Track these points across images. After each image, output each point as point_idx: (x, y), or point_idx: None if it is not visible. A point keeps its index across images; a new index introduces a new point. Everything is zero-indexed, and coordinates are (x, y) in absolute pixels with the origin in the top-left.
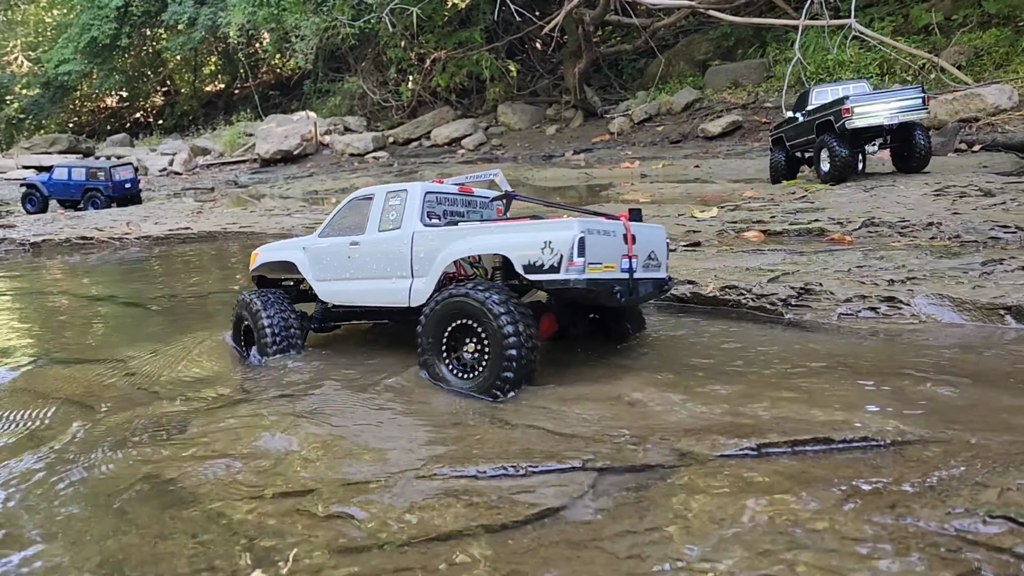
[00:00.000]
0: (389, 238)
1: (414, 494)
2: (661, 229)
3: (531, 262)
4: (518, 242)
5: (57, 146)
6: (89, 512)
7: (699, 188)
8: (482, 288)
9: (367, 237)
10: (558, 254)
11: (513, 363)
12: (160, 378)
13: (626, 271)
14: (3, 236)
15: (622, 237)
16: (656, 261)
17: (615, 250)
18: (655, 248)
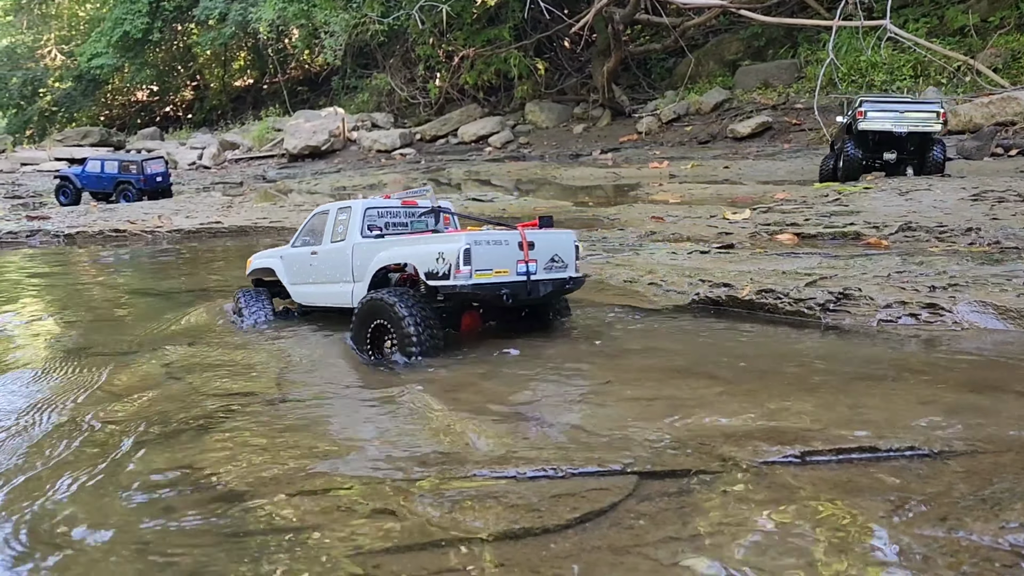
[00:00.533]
0: (337, 248)
1: (454, 494)
2: (569, 234)
3: (430, 270)
4: (421, 253)
5: (89, 139)
6: (130, 505)
7: (729, 189)
8: (392, 293)
9: (322, 247)
10: (448, 263)
11: (414, 349)
12: (198, 370)
13: (523, 274)
14: (38, 227)
15: (517, 245)
16: (561, 263)
17: (509, 257)
18: (559, 252)
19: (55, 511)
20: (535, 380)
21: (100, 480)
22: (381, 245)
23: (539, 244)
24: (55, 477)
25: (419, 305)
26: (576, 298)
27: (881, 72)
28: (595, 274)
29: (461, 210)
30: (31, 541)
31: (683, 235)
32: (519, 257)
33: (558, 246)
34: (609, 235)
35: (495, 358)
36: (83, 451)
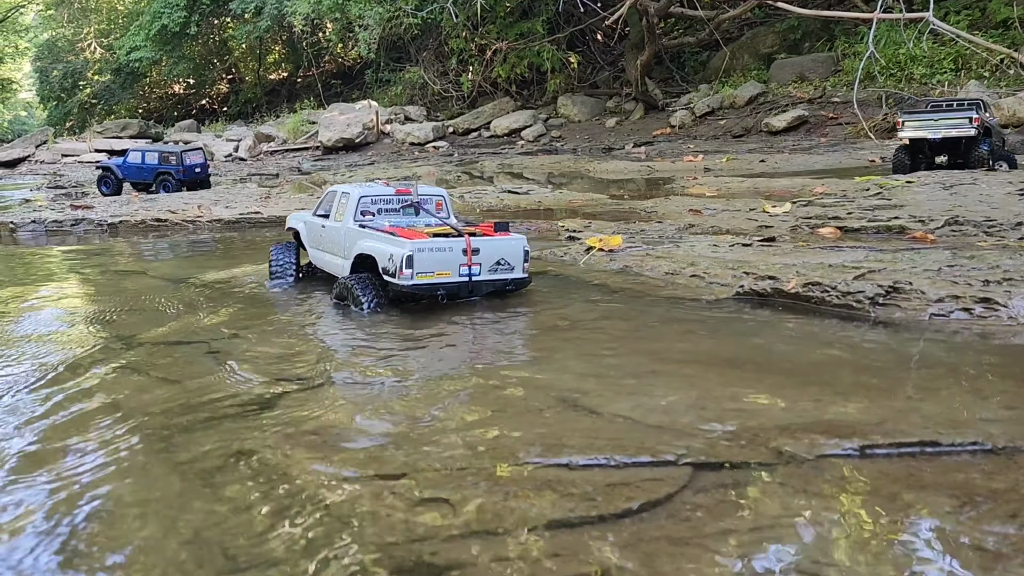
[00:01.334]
0: (336, 227)
1: (508, 482)
2: (519, 240)
3: (384, 267)
4: (380, 251)
5: (128, 131)
6: (182, 488)
7: (766, 183)
8: (353, 278)
9: (329, 222)
10: (395, 264)
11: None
12: (245, 358)
13: (465, 276)
14: (82, 217)
15: (461, 251)
16: (508, 266)
17: (452, 261)
18: (506, 256)
19: (107, 498)
20: (579, 369)
21: (152, 465)
22: (363, 234)
23: (484, 250)
24: (107, 463)
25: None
26: (617, 288)
27: (921, 65)
28: (635, 266)
29: (497, 202)
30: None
31: (722, 228)
32: (463, 261)
33: (505, 251)
34: (648, 228)
35: (537, 346)
36: (134, 437)
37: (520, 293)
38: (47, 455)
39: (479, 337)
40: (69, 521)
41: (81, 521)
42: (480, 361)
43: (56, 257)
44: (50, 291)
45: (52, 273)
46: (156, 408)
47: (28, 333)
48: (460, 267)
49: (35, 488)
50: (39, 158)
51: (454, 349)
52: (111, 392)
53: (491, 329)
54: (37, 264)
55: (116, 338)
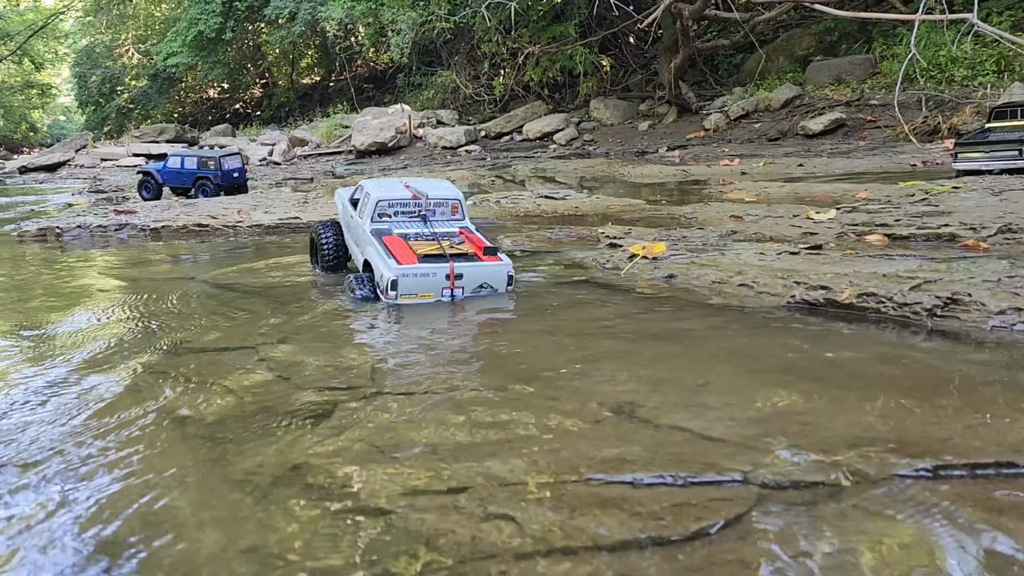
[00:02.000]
0: (358, 223)
1: (572, 499)
2: (503, 267)
3: (376, 281)
4: (376, 266)
5: (165, 135)
6: (238, 500)
7: (807, 188)
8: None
9: (356, 216)
10: (383, 284)
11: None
12: (296, 366)
13: (447, 298)
14: (126, 222)
15: (444, 276)
16: (491, 288)
17: (436, 285)
18: (489, 280)
19: (162, 511)
20: (631, 380)
21: (207, 477)
22: (371, 241)
23: (468, 275)
24: (161, 474)
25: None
26: (663, 297)
27: (962, 67)
28: (681, 274)
29: (533, 207)
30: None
31: (765, 235)
32: (445, 285)
33: (489, 276)
34: (689, 234)
35: (584, 355)
36: (188, 448)
37: (565, 302)
38: (98, 465)
39: (527, 347)
40: (124, 533)
41: (136, 533)
42: (530, 371)
43: (101, 262)
44: (97, 296)
45: (98, 278)
46: (209, 417)
47: (77, 339)
48: (443, 290)
49: (88, 499)
50: (79, 162)
51: (502, 359)
52: (162, 400)
53: (538, 339)
54: (83, 268)
55: (165, 344)
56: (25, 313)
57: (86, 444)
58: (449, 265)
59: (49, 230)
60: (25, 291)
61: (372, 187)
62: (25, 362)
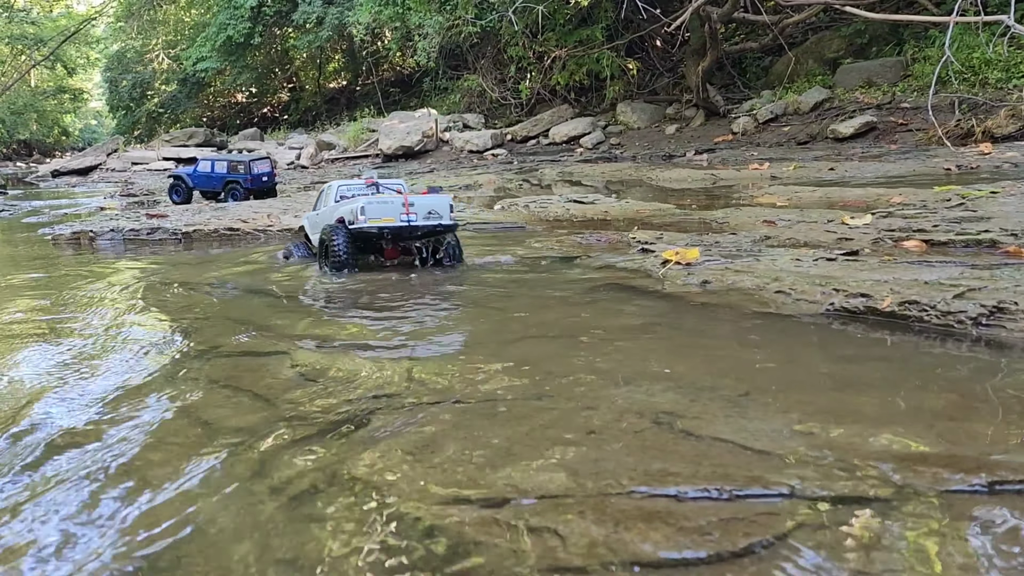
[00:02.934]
0: (325, 210)
1: (616, 512)
2: (445, 197)
3: (348, 219)
4: (346, 210)
5: (194, 139)
6: (274, 509)
7: (839, 192)
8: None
9: (320, 209)
10: (355, 214)
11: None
12: (330, 372)
13: (405, 221)
14: (157, 226)
15: (400, 204)
16: (437, 215)
17: (395, 211)
18: (435, 208)
19: (198, 519)
20: (669, 389)
21: (244, 485)
22: (338, 207)
23: (418, 203)
24: (197, 482)
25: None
26: (698, 304)
27: (996, 69)
28: (716, 281)
29: (562, 212)
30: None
31: (799, 240)
32: (402, 211)
33: (434, 204)
34: (722, 240)
35: (619, 364)
36: (223, 455)
37: (597, 308)
38: (128, 472)
39: (561, 354)
40: (156, 541)
41: (172, 543)
42: (565, 379)
43: (134, 265)
44: (128, 300)
45: (131, 281)
46: (244, 424)
47: (111, 343)
48: (400, 215)
49: (119, 507)
50: (110, 166)
51: (536, 366)
52: (198, 406)
53: (571, 346)
54: (116, 272)
55: (200, 348)
56: (57, 316)
57: (117, 451)
58: (404, 196)
59: (83, 234)
60: (58, 294)
61: (330, 183)
62: (56, 366)
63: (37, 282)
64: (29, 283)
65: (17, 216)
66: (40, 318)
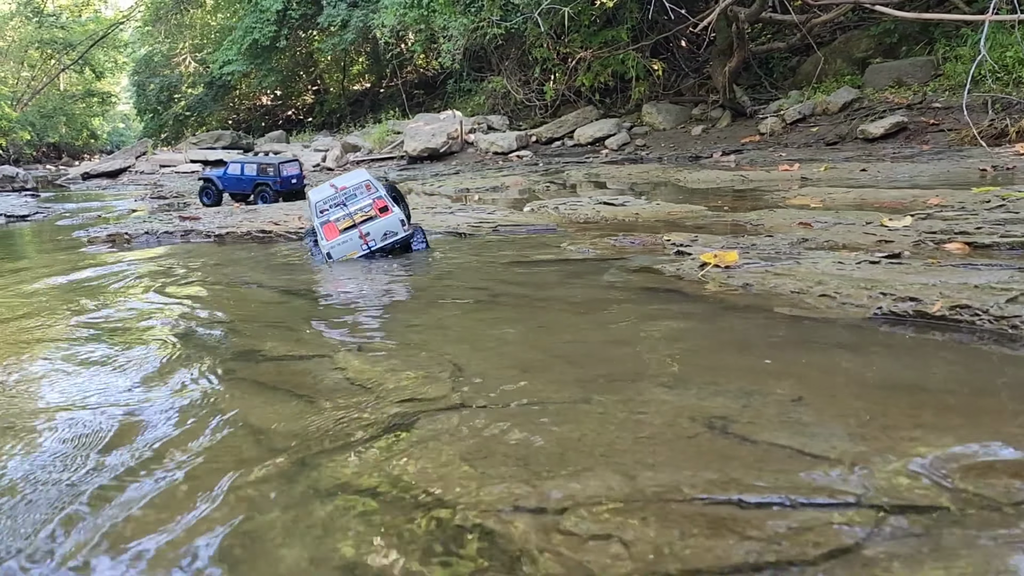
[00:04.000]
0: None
1: (679, 519)
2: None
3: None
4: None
5: (221, 142)
6: (325, 514)
7: (874, 194)
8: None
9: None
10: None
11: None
12: (374, 375)
13: (367, 250)
14: (191, 228)
15: (358, 237)
16: (393, 233)
17: (355, 244)
18: (389, 228)
19: (247, 525)
20: (719, 393)
21: (293, 490)
22: (319, 228)
23: (373, 231)
24: (244, 487)
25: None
26: (740, 307)
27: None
28: (756, 284)
29: (592, 214)
30: (228, 560)
31: (838, 243)
32: (361, 243)
33: (388, 226)
34: (758, 242)
35: (664, 367)
36: (270, 459)
37: (637, 311)
38: (175, 478)
39: (604, 357)
40: (205, 547)
41: (219, 547)
42: (612, 383)
43: (170, 267)
44: (169, 304)
45: (170, 284)
46: (290, 428)
47: (154, 348)
48: (361, 247)
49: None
50: (139, 168)
51: (581, 369)
52: (242, 409)
53: (614, 349)
54: (153, 274)
55: (241, 351)
56: (96, 319)
57: (161, 456)
58: (358, 230)
59: (117, 236)
60: (96, 297)
61: (311, 194)
62: (97, 371)
63: (74, 283)
64: (67, 285)
65: (51, 219)
66: (79, 319)
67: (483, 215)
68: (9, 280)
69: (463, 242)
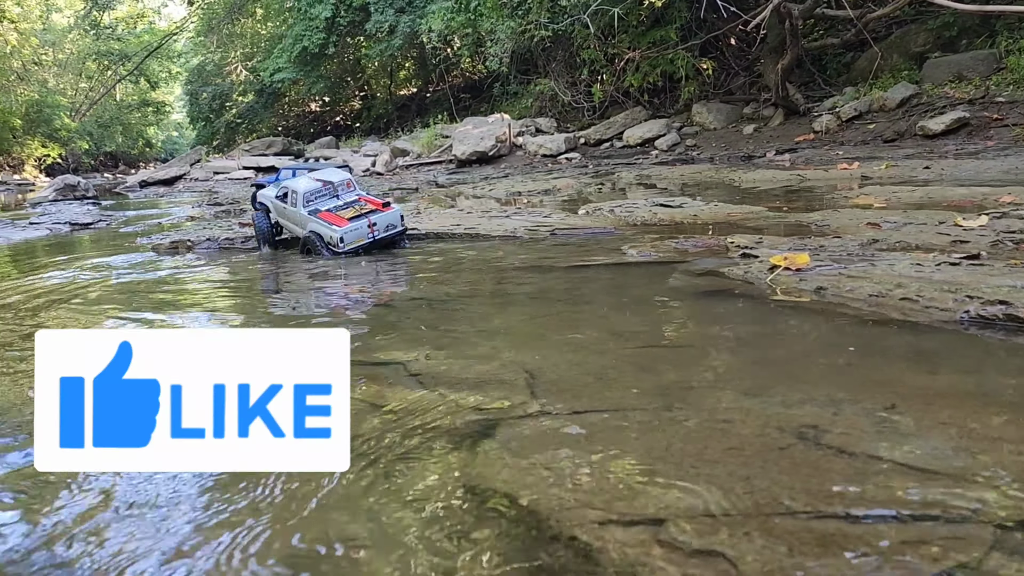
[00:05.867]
0: (295, 210)
1: (784, 534)
2: (396, 211)
3: (328, 242)
4: (325, 232)
5: (273, 148)
6: (411, 524)
7: (940, 192)
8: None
9: (289, 206)
10: (336, 240)
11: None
12: (449, 380)
13: (372, 238)
14: (250, 234)
15: (367, 226)
16: (393, 225)
17: (364, 233)
18: (391, 221)
19: (330, 533)
20: (806, 402)
21: (378, 498)
22: (310, 219)
23: (379, 222)
24: (329, 494)
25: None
26: (817, 311)
27: None
28: (831, 287)
29: (650, 216)
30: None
31: (911, 243)
32: (369, 232)
33: (390, 219)
34: (826, 244)
35: (745, 375)
36: (354, 466)
37: (709, 316)
38: (257, 487)
39: (680, 363)
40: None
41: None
42: (691, 389)
43: (234, 273)
44: (238, 309)
45: (237, 289)
46: (371, 434)
47: None
48: (368, 235)
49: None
50: (193, 176)
51: (657, 375)
52: None
53: (689, 354)
54: (220, 280)
55: None
56: (173, 324)
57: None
58: (367, 219)
59: (181, 243)
60: (174, 304)
61: (295, 184)
62: None
63: (146, 285)
64: (143, 286)
65: (113, 227)
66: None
67: (539, 219)
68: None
69: (522, 246)
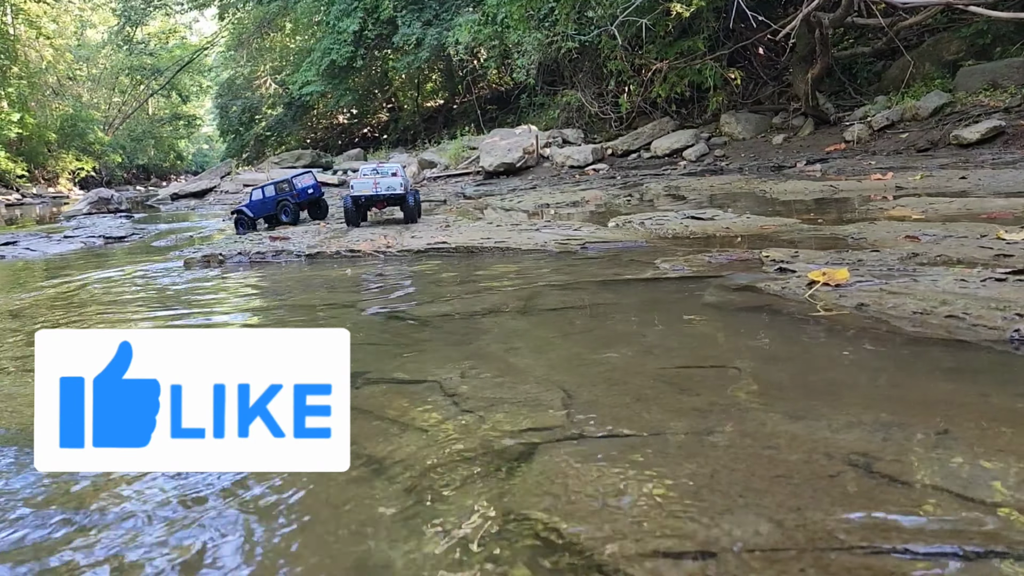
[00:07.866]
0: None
1: (840, 570)
2: (397, 179)
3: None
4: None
5: (302, 160)
6: (452, 555)
7: (979, 203)
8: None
9: None
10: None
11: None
12: (485, 402)
13: (373, 191)
14: (281, 248)
15: (372, 183)
16: (393, 188)
17: (369, 185)
18: (391, 185)
19: (367, 559)
20: (854, 427)
21: (416, 525)
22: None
23: (381, 183)
24: (366, 522)
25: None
26: (859, 329)
27: None
28: (873, 304)
29: (681, 228)
30: None
31: (952, 257)
32: (372, 187)
33: (390, 184)
34: (865, 257)
35: (788, 396)
36: (388, 492)
37: (747, 333)
38: (289, 513)
39: (719, 384)
40: None
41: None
42: (733, 412)
43: (265, 288)
44: (272, 320)
45: (269, 305)
46: (404, 457)
47: None
48: (371, 188)
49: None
50: (224, 188)
51: (696, 396)
52: (354, 436)
53: (727, 375)
54: (251, 294)
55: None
56: None
57: (275, 488)
58: (374, 180)
59: (212, 257)
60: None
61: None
62: None
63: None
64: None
65: (146, 240)
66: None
67: (569, 232)
68: None
69: (553, 260)
